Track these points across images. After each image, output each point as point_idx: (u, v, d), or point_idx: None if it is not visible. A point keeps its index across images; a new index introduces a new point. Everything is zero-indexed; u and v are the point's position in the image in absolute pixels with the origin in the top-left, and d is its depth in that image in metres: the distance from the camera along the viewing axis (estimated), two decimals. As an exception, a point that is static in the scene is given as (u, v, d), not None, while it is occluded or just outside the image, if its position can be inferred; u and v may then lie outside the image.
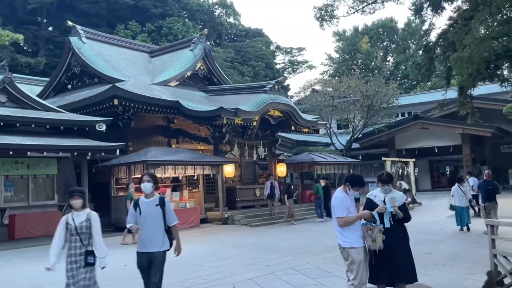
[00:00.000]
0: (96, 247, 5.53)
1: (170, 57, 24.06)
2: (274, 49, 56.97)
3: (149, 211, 5.70)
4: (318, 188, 19.70)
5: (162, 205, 5.74)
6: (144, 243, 5.75)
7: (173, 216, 5.82)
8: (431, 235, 13.63)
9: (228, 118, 18.40)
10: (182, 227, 16.86)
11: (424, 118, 30.51)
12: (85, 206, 5.72)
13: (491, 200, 13.03)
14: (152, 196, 5.81)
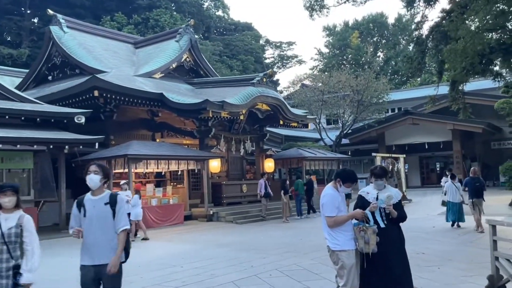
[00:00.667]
0: (28, 257, 4.34)
1: (155, 48, 23.29)
2: (264, 43, 56.26)
3: (96, 212, 4.45)
4: (298, 184, 19.23)
5: (113, 204, 4.48)
6: (91, 253, 4.46)
7: (123, 219, 4.50)
8: (423, 233, 13.11)
9: (214, 111, 17.73)
10: (165, 224, 16.23)
11: (415, 114, 30.11)
12: (18, 207, 4.47)
13: (478, 197, 12.97)
14: (101, 193, 4.53)
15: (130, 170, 15.68)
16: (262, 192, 18.46)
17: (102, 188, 4.54)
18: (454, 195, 13.93)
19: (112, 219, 4.45)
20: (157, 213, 16.40)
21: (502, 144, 31.25)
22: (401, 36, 57.95)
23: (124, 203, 4.62)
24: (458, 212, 13.89)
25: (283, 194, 17.68)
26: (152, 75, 20.85)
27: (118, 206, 4.49)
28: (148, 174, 19.50)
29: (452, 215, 13.96)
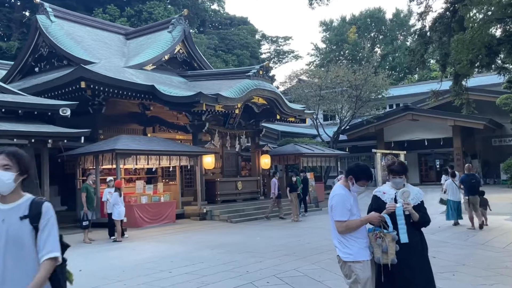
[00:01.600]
0: None
1: (147, 39, 22.36)
2: (260, 38, 55.33)
3: (5, 230, 2.75)
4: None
5: (35, 217, 2.78)
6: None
7: (51, 241, 2.77)
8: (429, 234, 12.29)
9: (207, 105, 16.87)
10: (155, 223, 15.37)
11: (415, 110, 29.32)
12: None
13: (474, 194, 12.94)
14: (16, 199, 2.85)
15: (118, 166, 14.81)
16: (276, 192, 17.24)
17: (19, 191, 2.86)
18: (454, 194, 13.66)
19: (33, 241, 2.75)
20: (147, 212, 15.55)
21: (503, 141, 30.55)
22: (399, 31, 57.20)
23: (53, 217, 2.83)
24: (458, 210, 13.65)
25: (289, 192, 16.69)
26: (143, 66, 19.94)
27: (43, 220, 2.77)
28: (138, 171, 18.65)
29: (453, 214, 13.67)
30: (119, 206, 12.51)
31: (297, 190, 16.82)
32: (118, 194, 12.57)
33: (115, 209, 12.47)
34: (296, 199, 16.49)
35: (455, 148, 29.12)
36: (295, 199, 16.47)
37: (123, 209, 12.60)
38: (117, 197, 12.53)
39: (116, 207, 12.48)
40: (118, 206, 12.50)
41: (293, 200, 16.39)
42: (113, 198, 12.58)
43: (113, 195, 12.64)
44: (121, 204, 12.57)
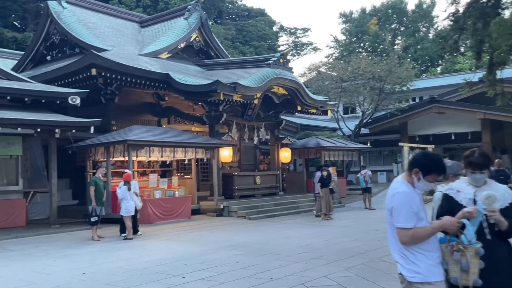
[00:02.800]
0: None
1: (162, 26, 21.42)
2: (278, 30, 54.09)
3: None
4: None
5: None
6: None
7: None
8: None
9: (225, 94, 15.87)
10: (169, 219, 14.49)
11: (441, 102, 27.92)
12: None
13: None
14: None
15: (130, 158, 13.91)
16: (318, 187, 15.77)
17: None
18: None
19: None
20: (160, 207, 14.65)
21: (535, 135, 28.98)
22: (421, 23, 55.38)
23: None
24: None
25: (320, 187, 15.49)
26: (158, 55, 19.02)
27: None
28: (152, 163, 17.76)
29: None
30: (127, 201, 11.62)
31: (329, 185, 15.60)
32: (126, 188, 11.66)
33: (122, 205, 11.59)
34: (328, 195, 15.31)
35: (484, 143, 27.63)
36: (327, 195, 15.29)
37: (132, 204, 11.71)
38: (125, 191, 11.63)
39: (124, 202, 11.60)
40: (126, 201, 11.62)
41: (325, 196, 15.23)
42: (121, 192, 11.71)
43: (121, 189, 11.76)
44: (129, 199, 11.68)
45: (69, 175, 17.97)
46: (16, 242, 11.38)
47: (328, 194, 15.28)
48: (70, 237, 12.09)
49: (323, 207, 15.17)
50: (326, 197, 15.15)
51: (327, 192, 15.23)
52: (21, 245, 10.93)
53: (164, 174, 17.74)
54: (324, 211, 15.17)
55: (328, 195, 15.24)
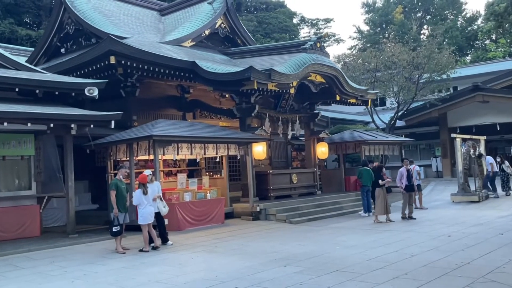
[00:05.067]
0: None
1: (185, 13, 19.68)
2: (299, 22, 52.06)
3: None
4: (363, 173, 15.18)
5: None
6: None
7: None
8: None
9: (259, 82, 14.05)
10: (201, 224, 12.76)
11: (485, 90, 25.71)
12: None
13: None
14: None
15: (156, 156, 12.17)
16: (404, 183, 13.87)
17: None
18: None
19: None
20: (191, 211, 12.91)
21: None
22: (449, 10, 52.82)
23: None
24: None
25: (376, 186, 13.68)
26: (181, 42, 17.28)
27: None
28: (179, 162, 16.04)
29: None
30: (143, 206, 9.95)
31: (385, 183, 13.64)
32: (141, 191, 9.96)
33: (138, 211, 9.94)
34: (384, 195, 13.39)
35: (534, 133, 25.45)
36: (384, 195, 13.35)
37: (150, 210, 10.05)
38: (140, 195, 9.93)
39: (140, 209, 9.94)
40: (142, 207, 9.94)
41: (380, 196, 13.30)
42: (135, 197, 10.04)
43: (135, 194, 10.07)
44: (146, 204, 9.99)
45: (87, 177, 16.40)
46: (29, 257, 9.72)
47: (385, 193, 13.33)
48: (90, 250, 10.39)
49: (378, 208, 13.23)
50: (383, 196, 13.21)
51: (383, 192, 13.28)
52: (33, 261, 9.26)
53: (192, 174, 16.02)
54: (381, 213, 13.23)
55: (385, 195, 13.29)
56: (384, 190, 13.33)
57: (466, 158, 17.97)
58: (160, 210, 10.54)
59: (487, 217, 13.51)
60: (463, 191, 17.71)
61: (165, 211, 10.68)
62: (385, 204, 13.23)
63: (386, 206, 13.27)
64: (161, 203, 10.66)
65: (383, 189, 13.32)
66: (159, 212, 10.50)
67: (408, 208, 13.79)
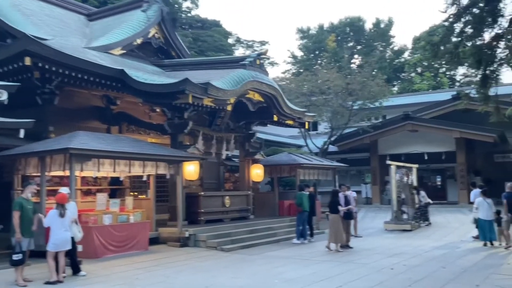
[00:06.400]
0: None
1: (115, 19, 18.24)
2: (234, 42, 51.73)
3: None
4: (302, 198, 14.54)
5: None
6: None
7: None
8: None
9: (195, 97, 13.00)
10: (122, 251, 11.31)
11: (416, 119, 26.34)
12: None
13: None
14: None
15: (73, 173, 10.63)
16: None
17: None
18: (486, 212, 13.26)
19: None
20: (111, 236, 11.42)
21: (506, 157, 27.94)
22: (379, 42, 54.88)
23: None
24: (490, 230, 13.30)
25: (330, 212, 12.85)
26: (109, 50, 15.87)
27: None
28: (99, 180, 14.46)
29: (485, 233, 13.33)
30: (57, 231, 8.53)
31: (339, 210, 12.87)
32: (57, 213, 8.55)
33: (51, 236, 8.53)
34: (340, 222, 12.63)
35: (459, 164, 26.23)
36: (339, 222, 12.61)
37: (65, 237, 8.63)
38: (55, 217, 8.53)
39: (53, 233, 8.51)
40: (56, 232, 8.54)
41: (336, 223, 12.53)
42: (48, 218, 8.61)
43: (49, 215, 8.65)
44: (61, 228, 8.57)
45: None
46: None
47: (340, 220, 12.59)
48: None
49: (332, 236, 12.47)
50: (338, 223, 12.48)
51: (337, 218, 12.55)
52: None
53: (114, 194, 14.50)
54: (335, 240, 12.50)
55: (339, 222, 12.55)
56: (340, 217, 12.62)
57: (400, 185, 17.87)
58: (75, 235, 9.09)
59: (423, 247, 13.21)
60: (396, 219, 17.54)
61: (80, 236, 9.23)
62: (340, 232, 12.51)
63: (341, 234, 12.55)
64: (77, 227, 9.22)
65: (340, 215, 12.62)
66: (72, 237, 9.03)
67: (346, 237, 13.15)
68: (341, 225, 12.59)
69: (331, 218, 12.60)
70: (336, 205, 12.64)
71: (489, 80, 17.31)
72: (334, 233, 12.47)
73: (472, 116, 25.30)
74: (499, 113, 19.42)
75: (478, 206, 13.53)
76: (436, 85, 45.66)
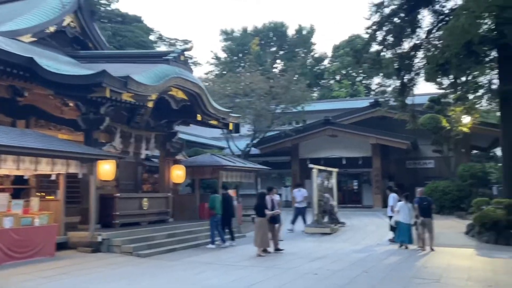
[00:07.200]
0: None
1: (26, 4, 16.64)
2: (156, 39, 50.22)
3: None
4: (215, 200, 14.10)
5: None
6: None
7: None
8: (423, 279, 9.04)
9: (113, 91, 12.08)
10: (25, 258, 10.18)
11: (335, 124, 26.98)
12: None
13: (427, 216, 13.49)
14: None
15: (-33, 170, 9.35)
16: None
17: None
18: (406, 216, 13.66)
19: None
20: (11, 241, 10.21)
21: (417, 163, 29.49)
22: (301, 49, 56.03)
23: None
24: (408, 233, 13.69)
25: (257, 215, 12.40)
26: (17, 36, 14.36)
27: None
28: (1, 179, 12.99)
29: (402, 236, 13.74)
30: None
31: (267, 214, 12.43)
32: None
33: None
34: (265, 225, 12.23)
35: (375, 169, 27.23)
36: (266, 226, 12.23)
37: None
38: None
39: None
40: None
41: (263, 227, 12.12)
42: None
43: None
44: None
45: None
46: None
47: (265, 224, 12.22)
48: None
49: (259, 241, 12.06)
50: (264, 227, 12.10)
51: (264, 222, 12.17)
52: None
53: (17, 194, 13.09)
54: (262, 245, 12.11)
55: (266, 226, 12.19)
56: (266, 221, 12.25)
57: (321, 189, 17.99)
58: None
59: (344, 250, 13.27)
60: (316, 223, 17.60)
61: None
62: (266, 236, 12.14)
63: (266, 238, 12.19)
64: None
65: (266, 219, 12.24)
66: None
67: (274, 240, 12.88)
68: (267, 229, 12.28)
69: (257, 221, 12.25)
70: (263, 208, 12.30)
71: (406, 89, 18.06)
72: (260, 237, 12.12)
73: (388, 123, 26.51)
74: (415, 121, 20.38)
75: (400, 210, 13.87)
76: (353, 93, 47.44)
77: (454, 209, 23.01)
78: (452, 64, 13.58)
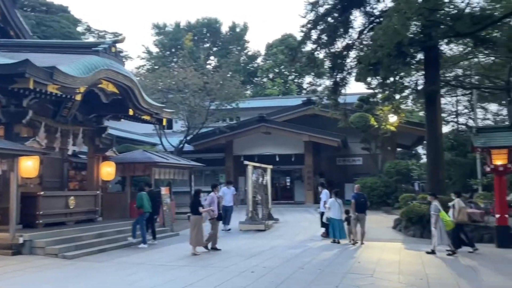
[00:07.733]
0: None
1: None
2: (84, 31, 48.05)
3: None
4: (142, 198, 13.71)
5: None
6: None
7: None
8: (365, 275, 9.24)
9: (37, 82, 11.26)
10: None
11: (269, 122, 27.14)
12: None
13: (361, 212, 13.95)
14: None
15: None
16: (216, 211, 12.58)
17: None
18: (337, 212, 13.95)
19: None
20: None
21: (347, 160, 30.38)
22: (234, 46, 55.95)
23: None
24: (340, 229, 13.97)
25: (192, 214, 12.05)
26: None
27: None
28: None
29: (335, 232, 13.99)
30: None
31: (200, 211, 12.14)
32: None
33: None
34: (200, 223, 11.92)
35: (307, 166, 27.70)
36: (201, 224, 11.97)
37: None
38: None
39: None
40: None
41: (198, 225, 11.81)
42: None
43: None
44: None
45: None
46: None
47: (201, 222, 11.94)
48: None
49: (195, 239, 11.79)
50: (200, 225, 11.82)
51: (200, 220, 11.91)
52: None
53: None
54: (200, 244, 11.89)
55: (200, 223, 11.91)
56: (202, 218, 11.97)
57: (255, 186, 17.97)
58: None
59: (279, 247, 13.29)
60: (250, 220, 17.57)
61: None
62: (201, 234, 11.87)
63: (201, 237, 11.91)
64: None
65: (201, 217, 11.95)
66: None
67: (214, 239, 12.67)
68: (202, 227, 12.04)
69: (192, 219, 11.97)
70: (197, 206, 12.04)
71: (339, 87, 18.46)
72: (195, 235, 11.86)
73: (319, 121, 27.08)
74: (347, 119, 20.91)
75: (330, 206, 14.16)
76: (286, 91, 48.07)
77: (381, 205, 23.97)
78: (383, 64, 14.02)
